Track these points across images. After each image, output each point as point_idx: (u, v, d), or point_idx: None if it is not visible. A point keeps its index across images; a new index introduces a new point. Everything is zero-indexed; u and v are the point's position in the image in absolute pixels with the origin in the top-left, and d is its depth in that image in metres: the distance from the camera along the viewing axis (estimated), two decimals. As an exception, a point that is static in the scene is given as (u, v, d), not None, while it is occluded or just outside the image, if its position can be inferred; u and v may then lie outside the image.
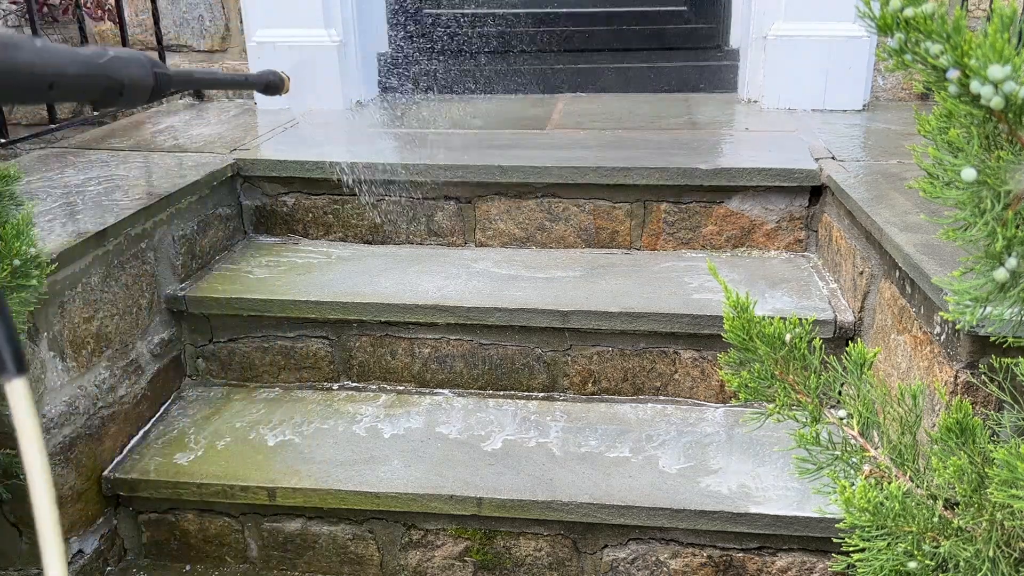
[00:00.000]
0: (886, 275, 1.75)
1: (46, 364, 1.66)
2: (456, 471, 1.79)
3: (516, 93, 3.20)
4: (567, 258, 2.28)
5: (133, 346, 1.95)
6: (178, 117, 2.91)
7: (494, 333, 2.05)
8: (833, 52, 2.72)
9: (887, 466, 0.99)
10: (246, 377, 2.17)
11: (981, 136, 0.77)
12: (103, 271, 1.82)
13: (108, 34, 3.14)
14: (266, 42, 2.92)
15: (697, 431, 1.91)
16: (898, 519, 0.92)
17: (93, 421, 1.80)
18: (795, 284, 2.08)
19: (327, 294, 2.06)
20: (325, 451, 1.87)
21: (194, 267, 2.19)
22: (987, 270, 0.80)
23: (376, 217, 2.38)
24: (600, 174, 2.22)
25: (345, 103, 2.98)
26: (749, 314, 1.06)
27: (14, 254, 1.24)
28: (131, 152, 2.44)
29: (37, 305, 1.61)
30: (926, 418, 1.51)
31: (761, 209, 2.24)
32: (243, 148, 2.45)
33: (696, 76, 3.12)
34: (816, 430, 1.04)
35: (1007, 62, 0.71)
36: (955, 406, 0.97)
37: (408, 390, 2.12)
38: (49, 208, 1.92)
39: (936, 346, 1.49)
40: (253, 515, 1.86)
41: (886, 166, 2.17)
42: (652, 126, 2.66)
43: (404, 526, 1.82)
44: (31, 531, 1.71)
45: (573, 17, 3.14)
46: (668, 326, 1.95)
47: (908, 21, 0.76)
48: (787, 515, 1.64)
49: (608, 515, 1.69)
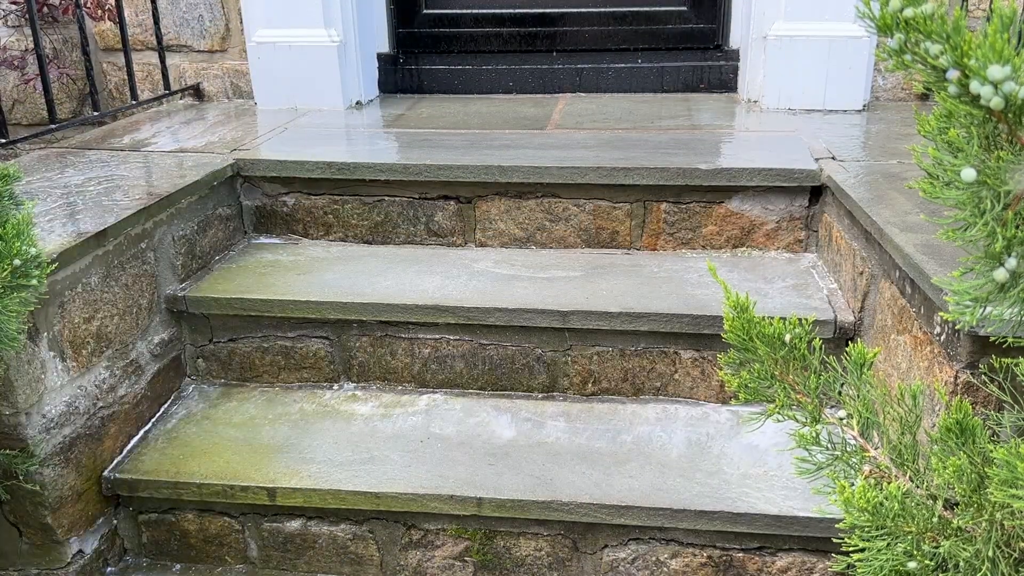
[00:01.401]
0: (886, 275, 1.75)
1: (46, 364, 1.66)
2: (456, 471, 1.79)
3: (516, 93, 3.20)
4: (567, 258, 2.28)
5: (133, 346, 1.95)
6: (178, 117, 2.91)
7: (494, 333, 2.05)
8: (833, 52, 2.72)
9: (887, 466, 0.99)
10: (246, 377, 2.17)
11: (981, 136, 0.77)
12: (103, 271, 1.82)
13: (108, 34, 3.14)
14: (266, 42, 2.92)
15: (697, 431, 1.91)
16: (898, 519, 0.92)
17: (93, 421, 1.80)
18: (795, 284, 2.08)
19: (327, 294, 2.06)
20: (325, 451, 1.87)
21: (194, 267, 2.19)
22: (987, 270, 0.80)
23: (376, 217, 2.38)
24: (600, 174, 2.22)
25: (345, 103, 2.98)
26: (749, 314, 1.06)
27: (14, 254, 1.24)
28: (131, 152, 2.44)
29: (37, 305, 1.61)
30: (926, 418, 1.51)
31: (761, 209, 2.24)
32: (243, 148, 2.45)
33: (696, 76, 3.12)
34: (816, 430, 1.04)
35: (1007, 62, 0.71)
36: (955, 406, 0.97)
37: (408, 390, 2.12)
38: (49, 208, 1.92)
39: (936, 346, 1.49)
40: (253, 515, 1.86)
41: (886, 166, 2.17)
42: (652, 126, 2.66)
43: (404, 526, 1.82)
44: (31, 531, 1.71)
45: (574, 17, 3.14)
46: (668, 326, 1.95)
47: (908, 21, 0.76)
48: (787, 515, 1.64)
49: (608, 515, 1.69)
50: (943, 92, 0.78)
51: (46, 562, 1.74)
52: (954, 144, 0.79)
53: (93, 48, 3.14)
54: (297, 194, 2.39)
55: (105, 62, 3.19)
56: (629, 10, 3.11)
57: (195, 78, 3.16)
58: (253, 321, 2.11)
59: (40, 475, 1.66)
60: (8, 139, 2.26)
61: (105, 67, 3.20)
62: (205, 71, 3.15)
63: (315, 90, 2.96)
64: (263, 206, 2.41)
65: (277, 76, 2.96)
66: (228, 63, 3.14)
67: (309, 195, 2.38)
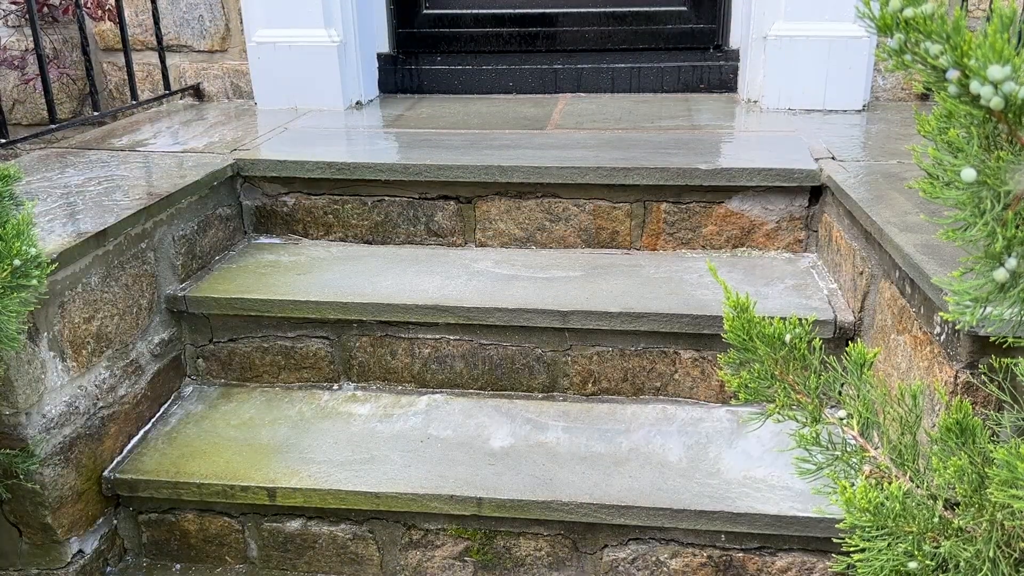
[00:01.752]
0: (886, 275, 1.75)
1: (46, 364, 1.66)
2: (456, 471, 1.79)
3: (516, 93, 3.20)
4: (567, 258, 2.28)
5: (133, 346, 1.95)
6: (178, 117, 2.91)
7: (494, 333, 2.05)
8: (833, 52, 2.72)
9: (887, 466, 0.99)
10: (246, 377, 2.17)
11: (981, 136, 0.77)
12: (103, 271, 1.82)
13: (108, 34, 3.14)
14: (266, 42, 2.92)
15: (697, 431, 1.91)
16: (898, 519, 0.92)
17: (93, 421, 1.80)
18: (795, 284, 2.08)
19: (327, 294, 2.06)
20: (325, 451, 1.87)
21: (194, 267, 2.19)
22: (987, 270, 0.80)
23: (376, 217, 2.38)
24: (600, 174, 2.22)
25: (345, 103, 2.98)
26: (749, 314, 1.06)
27: (14, 254, 1.24)
28: (131, 152, 2.44)
29: (37, 305, 1.61)
30: (926, 418, 1.51)
31: (761, 209, 2.24)
32: (243, 148, 2.45)
33: (696, 76, 3.12)
34: (816, 430, 1.04)
35: (1007, 62, 0.71)
36: (955, 406, 0.97)
37: (408, 390, 2.12)
38: (49, 208, 1.92)
39: (936, 346, 1.49)
40: (253, 515, 1.86)
41: (886, 166, 2.17)
42: (652, 126, 2.66)
43: (404, 526, 1.82)
44: (31, 531, 1.71)
45: (573, 17, 3.14)
46: (668, 326, 1.95)
47: (908, 21, 0.76)
48: (787, 515, 1.64)
49: (608, 515, 1.69)
50: (943, 92, 0.78)
51: (46, 562, 1.74)
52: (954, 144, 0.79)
53: (93, 48, 3.14)
54: (297, 194, 2.39)
55: (105, 62, 3.19)
56: (629, 10, 3.11)
57: (195, 78, 3.16)
58: (253, 321, 2.11)
59: (40, 475, 1.66)
60: (8, 139, 2.26)
61: (105, 67, 3.20)
62: (205, 71, 3.15)
63: (315, 90, 2.96)
64: (263, 206, 2.41)
65: (277, 76, 2.96)
66: (228, 63, 3.14)
67: (309, 195, 2.38)
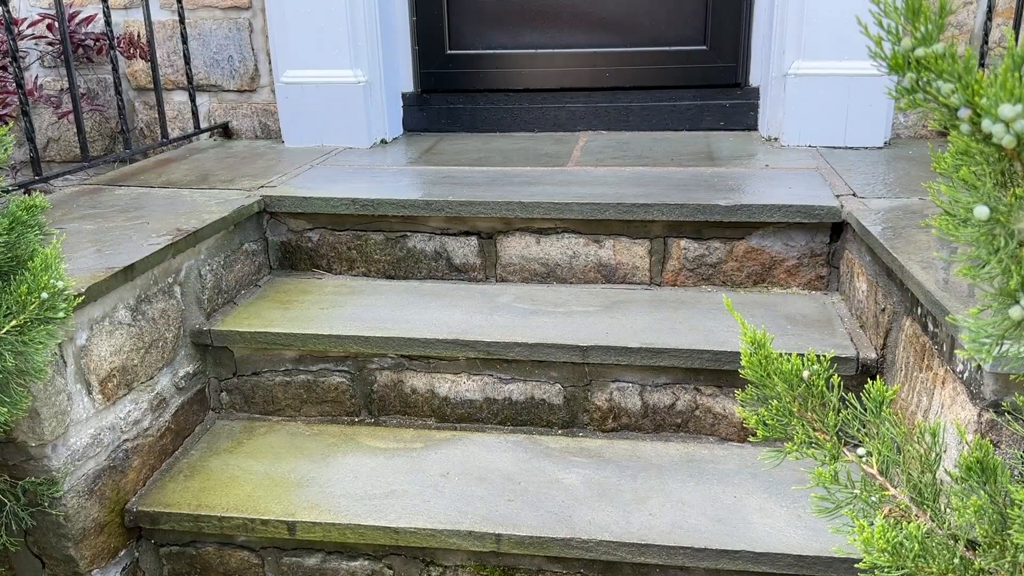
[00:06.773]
0: (908, 312, 1.74)
1: (72, 397, 1.69)
2: (475, 507, 1.78)
3: (537, 131, 3.24)
4: (588, 293, 2.29)
5: (158, 379, 1.98)
6: (206, 155, 2.97)
7: (514, 368, 2.05)
8: (853, 90, 2.73)
9: (907, 505, 0.98)
10: (268, 410, 2.19)
11: (995, 174, 0.78)
12: (131, 305, 1.86)
13: (140, 74, 3.22)
14: (294, 82, 2.99)
15: (718, 468, 1.89)
16: (918, 559, 0.90)
17: (117, 454, 1.82)
18: (817, 321, 2.07)
19: (348, 328, 2.08)
20: (345, 485, 1.87)
21: (220, 302, 2.22)
22: (1003, 307, 0.79)
23: (399, 253, 2.41)
24: (620, 211, 2.24)
25: (370, 141, 3.03)
26: (766, 350, 1.06)
27: (42, 287, 1.27)
28: (161, 188, 2.50)
29: (64, 338, 1.65)
30: (948, 456, 1.49)
31: (782, 246, 2.24)
32: (270, 185, 2.49)
33: (716, 114, 3.14)
34: (834, 468, 1.03)
35: (1018, 101, 0.72)
36: (976, 444, 0.96)
37: (428, 424, 2.12)
38: (79, 242, 1.97)
39: (959, 384, 1.47)
40: (273, 549, 1.87)
41: (907, 203, 2.16)
42: (672, 163, 2.67)
43: (423, 562, 1.82)
44: (54, 562, 1.72)
45: (595, 56, 3.18)
46: (688, 362, 1.95)
47: (919, 61, 0.77)
48: (810, 555, 1.61)
49: (628, 553, 1.68)
50: (956, 130, 0.78)
51: (68, 594, 1.75)
52: (968, 181, 0.80)
53: (125, 87, 3.23)
54: (322, 230, 2.42)
55: (137, 101, 3.28)
56: (650, 49, 3.14)
57: (224, 117, 3.23)
58: (276, 355, 2.14)
59: (64, 506, 1.68)
60: (42, 176, 2.32)
61: (137, 106, 3.28)
62: (234, 110, 3.22)
63: (341, 129, 3.01)
64: (288, 241, 2.45)
65: (304, 115, 3.02)
66: (256, 102, 3.21)
67: (333, 231, 2.42)
